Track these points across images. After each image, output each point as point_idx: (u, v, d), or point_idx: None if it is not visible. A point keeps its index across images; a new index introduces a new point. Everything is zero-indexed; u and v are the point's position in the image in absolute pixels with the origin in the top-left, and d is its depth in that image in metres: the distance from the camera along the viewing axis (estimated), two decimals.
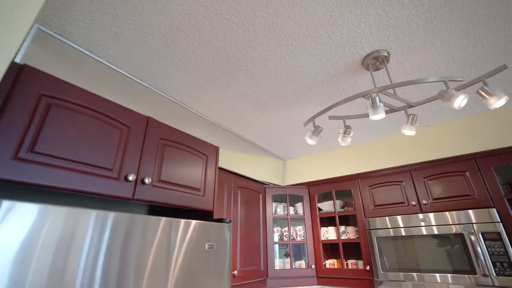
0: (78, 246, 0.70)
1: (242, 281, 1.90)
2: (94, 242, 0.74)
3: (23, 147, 0.76)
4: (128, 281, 0.79)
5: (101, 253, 0.74)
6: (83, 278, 0.68)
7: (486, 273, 1.51)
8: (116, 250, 0.79)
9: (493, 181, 1.71)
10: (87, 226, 0.73)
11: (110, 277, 0.74)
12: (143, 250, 0.86)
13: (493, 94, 1.06)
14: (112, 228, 0.79)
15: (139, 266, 0.83)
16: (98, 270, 0.72)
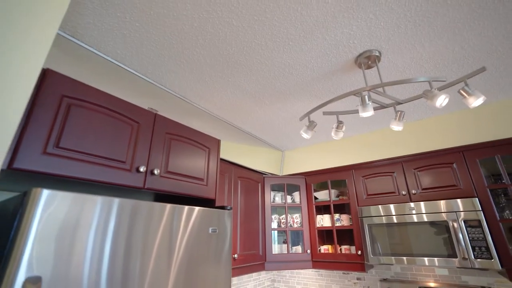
0: (99, 229, 0.81)
1: (242, 264, 2.05)
2: (113, 225, 0.85)
3: (50, 143, 0.87)
4: (136, 261, 0.91)
5: (110, 235, 0.86)
6: (93, 257, 0.80)
7: (466, 257, 1.65)
8: (124, 232, 0.90)
9: (477, 173, 1.83)
10: (107, 212, 0.85)
11: (117, 259, 0.86)
12: (149, 234, 0.98)
13: (472, 94, 1.16)
14: (123, 214, 0.91)
15: (145, 248, 0.95)
16: (106, 250, 0.84)
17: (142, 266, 0.90)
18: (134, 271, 0.87)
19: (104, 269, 0.78)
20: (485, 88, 1.77)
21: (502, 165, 1.76)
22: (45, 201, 0.67)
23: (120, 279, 0.82)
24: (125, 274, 0.83)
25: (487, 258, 1.59)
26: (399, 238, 1.94)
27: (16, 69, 0.69)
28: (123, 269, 0.83)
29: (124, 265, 0.84)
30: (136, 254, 0.89)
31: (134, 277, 0.86)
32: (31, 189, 0.67)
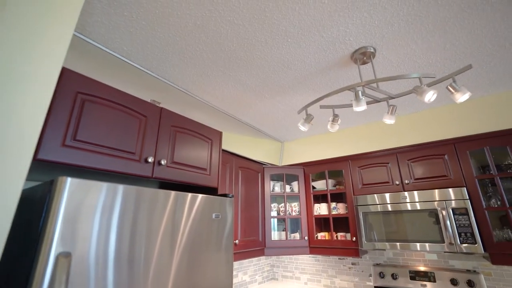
0: (115, 212, 0.91)
1: (242, 249, 2.17)
2: (123, 210, 0.95)
3: (68, 136, 0.95)
4: (141, 241, 1.01)
5: (124, 218, 0.96)
6: (99, 241, 0.89)
7: (452, 242, 1.76)
8: (137, 217, 1.00)
9: (467, 164, 1.91)
10: (124, 198, 0.94)
11: (132, 240, 0.96)
12: (156, 218, 1.07)
13: (459, 90, 1.23)
14: (137, 200, 1.00)
15: (151, 232, 1.05)
16: (124, 232, 0.93)
17: (149, 248, 1.00)
18: (151, 250, 0.97)
19: (125, 248, 0.88)
20: (476, 83, 1.84)
21: (490, 156, 1.84)
22: (69, 188, 0.76)
23: (130, 258, 0.92)
24: (146, 254, 0.94)
25: (471, 243, 1.70)
26: (392, 225, 2.05)
27: (40, 69, 0.77)
28: (144, 249, 0.93)
29: (146, 245, 0.94)
30: (142, 237, 0.99)
31: (146, 256, 0.96)
32: (57, 177, 0.75)
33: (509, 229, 1.74)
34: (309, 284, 2.78)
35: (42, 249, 0.68)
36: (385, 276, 2.28)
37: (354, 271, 2.56)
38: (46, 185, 0.80)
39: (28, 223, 0.82)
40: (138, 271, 0.92)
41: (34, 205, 0.82)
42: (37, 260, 0.68)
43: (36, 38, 0.78)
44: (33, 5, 0.78)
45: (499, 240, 1.74)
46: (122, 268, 0.87)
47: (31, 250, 0.73)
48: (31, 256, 0.71)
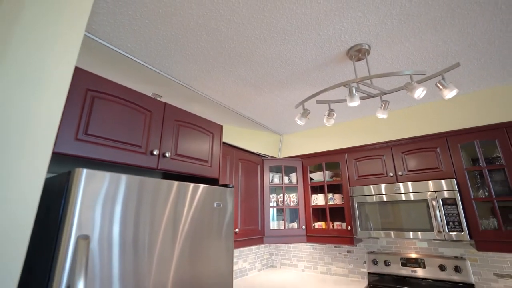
0: (125, 201, 0.99)
1: (242, 237, 2.27)
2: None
3: (80, 130, 1.03)
4: (146, 228, 1.09)
5: (132, 207, 1.04)
6: (111, 226, 0.98)
7: (441, 230, 1.86)
8: (143, 204, 1.08)
9: (458, 156, 1.99)
10: (131, 187, 1.02)
11: (139, 227, 1.05)
12: (159, 208, 1.15)
13: (447, 87, 1.30)
14: (143, 189, 1.08)
15: (156, 220, 1.14)
16: (123, 219, 1.02)
17: (154, 234, 1.09)
18: (156, 237, 1.06)
19: (136, 233, 0.97)
20: (468, 78, 1.90)
21: (480, 149, 1.92)
22: (85, 178, 0.84)
23: (142, 243, 1.01)
24: (152, 240, 1.03)
25: (458, 231, 1.80)
26: (385, 215, 2.14)
27: (55, 70, 0.84)
28: (148, 234, 1.02)
29: (151, 232, 1.03)
30: (148, 224, 1.08)
31: (152, 241, 1.05)
32: (75, 169, 0.83)
33: (495, 219, 1.84)
34: (306, 271, 2.90)
35: (64, 232, 0.77)
36: (378, 263, 2.39)
37: (349, 258, 2.67)
38: (64, 175, 0.88)
39: (47, 209, 0.90)
40: (143, 255, 1.01)
41: (52, 194, 0.91)
42: (59, 242, 0.76)
43: (51, 40, 0.85)
44: (47, 10, 0.84)
45: (485, 229, 1.83)
46: (131, 251, 0.96)
47: (52, 233, 0.82)
48: (53, 239, 0.80)
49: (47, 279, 0.76)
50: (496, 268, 1.95)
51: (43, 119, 0.77)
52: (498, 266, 1.94)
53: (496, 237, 1.74)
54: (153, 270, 1.02)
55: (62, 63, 0.86)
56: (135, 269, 0.96)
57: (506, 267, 1.92)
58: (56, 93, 0.83)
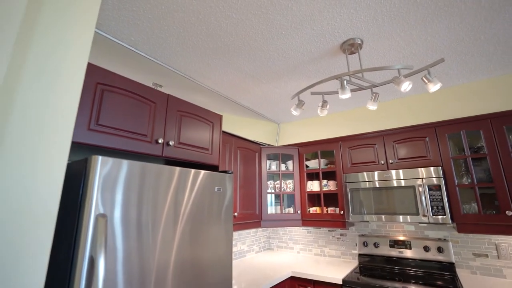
0: (135, 185, 1.10)
1: (241, 221, 2.41)
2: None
3: (92, 121, 1.12)
4: (150, 210, 1.21)
5: (141, 191, 1.15)
6: (124, 207, 1.09)
7: (425, 214, 1.99)
8: (151, 188, 1.20)
9: (445, 145, 2.11)
10: (139, 173, 1.13)
11: (147, 209, 1.16)
12: (164, 191, 1.27)
13: (432, 81, 1.39)
14: (150, 174, 1.19)
15: (160, 202, 1.25)
16: (133, 201, 1.13)
17: (157, 215, 1.20)
18: (161, 218, 1.18)
19: (138, 214, 1.09)
20: (457, 71, 1.99)
21: (465, 139, 2.03)
22: (101, 164, 0.95)
23: (152, 223, 1.13)
24: (157, 221, 1.15)
25: (441, 214, 1.94)
26: (376, 200, 2.28)
27: (72, 66, 0.93)
28: (153, 216, 1.14)
29: (156, 214, 1.14)
30: (153, 206, 1.19)
31: (158, 222, 1.17)
32: (91, 156, 0.94)
33: (476, 204, 1.97)
34: (301, 253, 3.08)
35: (85, 211, 0.88)
36: (368, 245, 2.55)
37: (341, 241, 2.83)
38: (81, 162, 0.98)
39: (67, 192, 1.01)
40: (153, 234, 1.13)
41: (70, 178, 1.01)
42: (81, 220, 0.88)
43: (68, 37, 0.93)
44: (63, 10, 0.92)
45: (466, 213, 1.97)
46: (142, 230, 1.08)
47: (73, 212, 0.93)
48: (75, 217, 0.91)
49: (72, 251, 0.88)
50: (475, 248, 2.11)
51: (64, 112, 0.87)
52: (477, 247, 2.10)
53: (475, 220, 1.88)
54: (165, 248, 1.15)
55: (77, 58, 0.95)
56: (143, 247, 1.08)
57: (483, 248, 2.07)
58: (73, 88, 0.92)
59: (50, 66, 0.86)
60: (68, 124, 0.86)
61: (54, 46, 0.89)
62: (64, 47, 0.91)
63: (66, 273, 0.88)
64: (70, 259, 0.88)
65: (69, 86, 0.91)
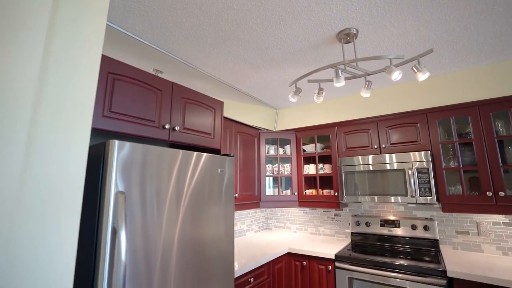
0: (147, 166, 1.21)
1: (241, 202, 2.56)
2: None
3: (105, 108, 1.22)
4: (162, 189, 1.33)
5: (151, 171, 1.27)
6: (140, 185, 1.21)
7: (413, 195, 2.14)
8: (159, 169, 1.31)
9: (435, 131, 2.22)
10: (152, 156, 1.24)
11: (149, 188, 1.28)
12: (172, 172, 1.38)
13: (421, 70, 1.48)
14: (161, 157, 1.30)
15: (169, 183, 1.37)
16: (147, 180, 1.25)
17: (167, 194, 1.33)
18: (165, 196, 1.30)
19: (150, 192, 1.21)
20: (448, 59, 2.07)
21: (454, 125, 2.14)
22: (117, 147, 1.06)
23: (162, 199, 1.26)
24: (163, 199, 1.27)
25: (428, 195, 2.08)
26: (368, 183, 2.42)
27: (90, 58, 1.02)
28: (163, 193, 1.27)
29: (164, 192, 1.27)
30: (160, 185, 1.32)
31: (166, 200, 1.30)
32: (109, 140, 1.05)
33: (460, 185, 2.11)
34: (298, 232, 3.26)
35: (106, 189, 1.00)
36: (360, 224, 2.72)
37: (336, 221, 3.01)
38: (100, 146, 1.09)
39: (88, 172, 1.13)
40: (161, 208, 1.26)
41: (90, 160, 1.13)
42: (103, 196, 1.00)
43: (83, 29, 1.02)
44: (78, 8, 1.00)
45: (451, 194, 2.12)
46: (153, 207, 1.21)
47: (95, 190, 1.05)
48: (97, 194, 1.04)
49: (96, 223, 1.00)
50: (458, 226, 2.27)
51: (84, 101, 0.97)
52: (460, 225, 2.27)
53: (459, 200, 2.03)
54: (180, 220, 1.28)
55: (93, 48, 1.03)
56: (155, 221, 1.21)
57: (465, 226, 2.24)
58: (91, 78, 1.02)
59: (71, 56, 0.95)
60: (88, 112, 0.97)
61: (72, 37, 0.97)
62: (81, 38, 1.00)
63: (93, 240, 1.01)
64: (95, 230, 1.01)
65: (88, 76, 1.00)
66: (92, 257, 1.00)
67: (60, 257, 0.80)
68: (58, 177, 0.83)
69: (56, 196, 0.81)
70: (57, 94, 0.88)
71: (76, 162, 0.89)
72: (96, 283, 0.96)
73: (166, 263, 1.23)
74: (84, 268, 1.05)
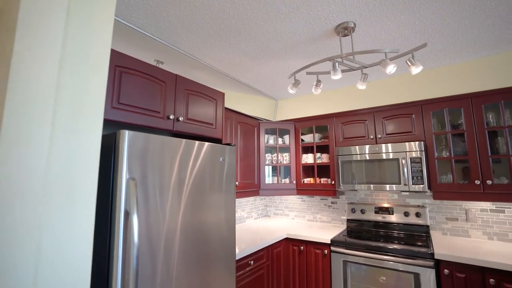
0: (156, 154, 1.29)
1: (241, 189, 2.66)
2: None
3: (114, 100, 1.29)
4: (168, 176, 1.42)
5: (159, 159, 1.35)
6: (152, 171, 1.30)
7: (406, 184, 2.24)
8: (164, 158, 1.39)
9: (429, 122, 2.30)
10: (160, 144, 1.31)
11: (162, 171, 1.36)
12: (177, 160, 1.46)
13: (415, 64, 1.55)
14: (164, 146, 1.38)
15: (168, 171, 1.45)
16: (155, 168, 1.34)
17: (170, 181, 1.42)
18: (168, 180, 1.39)
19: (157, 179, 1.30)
20: (443, 53, 2.12)
21: (447, 116, 2.22)
22: (128, 137, 1.13)
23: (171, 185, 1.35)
24: (171, 184, 1.36)
25: (420, 184, 2.18)
26: (363, 171, 2.51)
27: (102, 53, 1.08)
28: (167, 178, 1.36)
29: (171, 178, 1.36)
30: (167, 172, 1.40)
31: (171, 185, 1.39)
32: (119, 130, 1.12)
33: (451, 174, 2.21)
34: (296, 219, 3.38)
35: (118, 176, 1.08)
36: (355, 211, 2.83)
37: (332, 208, 3.12)
38: (112, 135, 1.17)
39: (101, 160, 1.21)
40: (172, 196, 1.35)
41: (103, 149, 1.21)
42: (116, 182, 1.09)
43: (95, 27, 1.08)
44: (90, 5, 1.06)
45: (442, 182, 2.22)
46: (164, 192, 1.30)
47: (108, 176, 1.13)
48: (109, 180, 1.12)
49: (110, 206, 1.09)
50: (448, 213, 2.39)
51: (96, 93, 1.04)
52: (450, 212, 2.38)
53: (449, 188, 2.13)
54: (182, 207, 1.38)
55: (104, 41, 1.10)
56: (161, 206, 1.31)
57: (455, 212, 2.35)
58: (102, 71, 1.08)
59: (85, 51, 1.02)
60: (100, 103, 1.04)
61: (85, 32, 1.03)
62: (93, 32, 1.06)
63: (107, 223, 1.10)
64: (109, 212, 1.10)
65: (100, 69, 1.07)
66: (107, 236, 1.10)
67: (81, 233, 0.89)
68: (77, 163, 0.91)
69: (75, 179, 0.90)
70: (74, 88, 0.95)
71: (91, 150, 0.98)
72: (112, 260, 1.06)
73: (171, 242, 1.33)
74: (100, 246, 1.14)
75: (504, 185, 1.95)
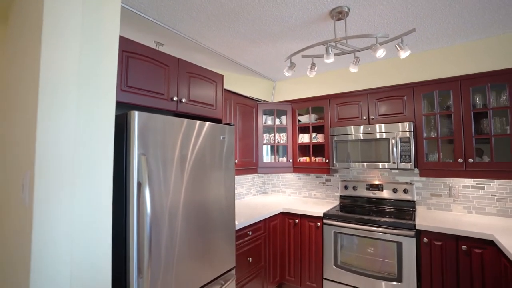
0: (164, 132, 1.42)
1: (240, 167, 2.81)
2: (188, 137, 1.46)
3: (122, 83, 1.40)
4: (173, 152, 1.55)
5: (165, 136, 1.48)
6: (161, 148, 1.43)
7: (395, 162, 2.39)
8: (172, 135, 1.52)
9: (419, 104, 2.41)
10: (166, 124, 1.44)
11: (162, 151, 1.50)
12: (182, 139, 1.59)
13: (403, 48, 1.64)
14: (172, 126, 1.51)
15: (172, 148, 1.59)
16: (163, 145, 1.47)
17: (171, 154, 1.56)
18: (172, 156, 1.53)
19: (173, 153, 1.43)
20: (435, 36, 2.19)
21: (437, 98, 2.33)
22: (138, 117, 1.26)
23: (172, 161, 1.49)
24: (176, 160, 1.50)
25: (408, 162, 2.34)
26: (356, 150, 2.65)
27: (112, 40, 1.18)
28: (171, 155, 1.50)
29: (176, 154, 1.49)
30: (170, 149, 1.54)
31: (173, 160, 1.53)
32: (130, 111, 1.25)
33: (437, 153, 2.35)
34: (292, 196, 3.58)
35: (130, 151, 1.22)
36: (348, 188, 3.01)
37: (326, 186, 3.30)
38: (123, 116, 1.29)
39: None
40: (179, 171, 1.50)
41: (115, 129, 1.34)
42: (129, 157, 1.22)
43: (104, 16, 1.17)
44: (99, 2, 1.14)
45: (428, 161, 2.37)
46: (172, 167, 1.44)
47: (121, 152, 1.27)
48: (123, 155, 1.26)
49: (124, 178, 1.24)
50: (433, 190, 2.56)
51: (109, 78, 1.16)
52: (435, 189, 2.55)
53: (434, 166, 2.29)
54: (184, 182, 1.53)
55: (112, 30, 1.20)
56: (168, 179, 1.45)
57: (439, 189, 2.53)
58: (113, 57, 1.19)
59: (98, 36, 1.12)
60: (112, 87, 1.16)
61: (97, 19, 1.13)
62: (102, 20, 1.16)
63: (122, 193, 1.26)
64: (124, 184, 1.25)
65: (112, 55, 1.17)
66: (123, 203, 1.26)
67: (101, 201, 1.04)
68: (97, 139, 1.05)
69: (96, 156, 1.04)
70: (91, 73, 1.07)
71: (107, 129, 1.11)
72: (128, 223, 1.22)
73: (175, 211, 1.49)
74: (118, 212, 1.31)
75: (485, 163, 2.10)
